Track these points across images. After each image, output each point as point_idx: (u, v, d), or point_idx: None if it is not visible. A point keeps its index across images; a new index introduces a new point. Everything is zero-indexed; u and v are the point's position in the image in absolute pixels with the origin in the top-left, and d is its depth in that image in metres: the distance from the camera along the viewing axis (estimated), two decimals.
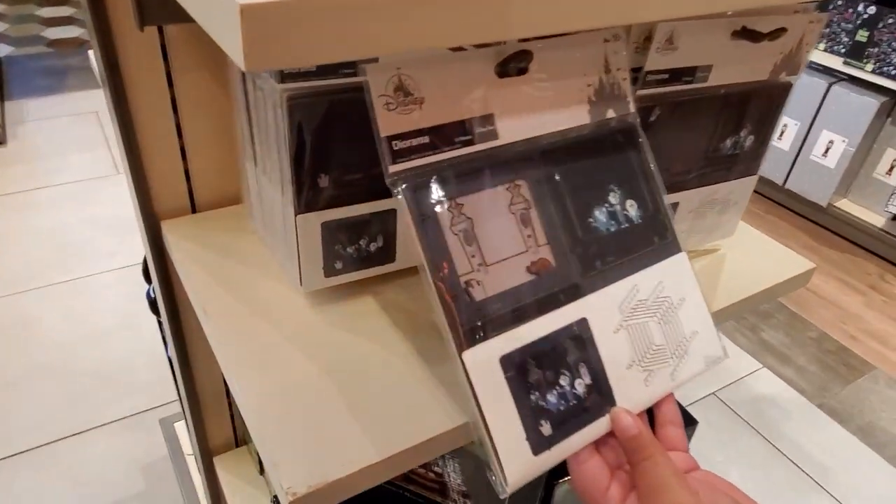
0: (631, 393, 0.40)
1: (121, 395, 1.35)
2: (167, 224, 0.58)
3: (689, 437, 0.77)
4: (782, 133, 2.12)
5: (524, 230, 0.37)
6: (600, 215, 0.40)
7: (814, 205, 2.12)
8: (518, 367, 0.36)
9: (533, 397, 0.36)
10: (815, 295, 1.93)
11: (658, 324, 0.42)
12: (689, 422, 0.77)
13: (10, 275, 1.65)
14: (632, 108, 0.42)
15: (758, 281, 0.58)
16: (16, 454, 1.25)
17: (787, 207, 2.24)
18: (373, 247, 0.49)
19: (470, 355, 0.34)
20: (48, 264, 1.67)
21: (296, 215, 0.45)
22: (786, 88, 0.52)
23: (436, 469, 0.54)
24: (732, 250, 0.61)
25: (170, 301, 0.63)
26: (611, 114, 0.41)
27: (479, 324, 0.35)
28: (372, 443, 0.40)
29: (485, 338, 0.35)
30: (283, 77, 0.40)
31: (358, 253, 0.49)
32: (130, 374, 1.39)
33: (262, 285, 0.52)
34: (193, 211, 0.60)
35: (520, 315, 0.36)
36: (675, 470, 0.37)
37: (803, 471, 1.39)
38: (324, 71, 0.42)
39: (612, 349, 0.39)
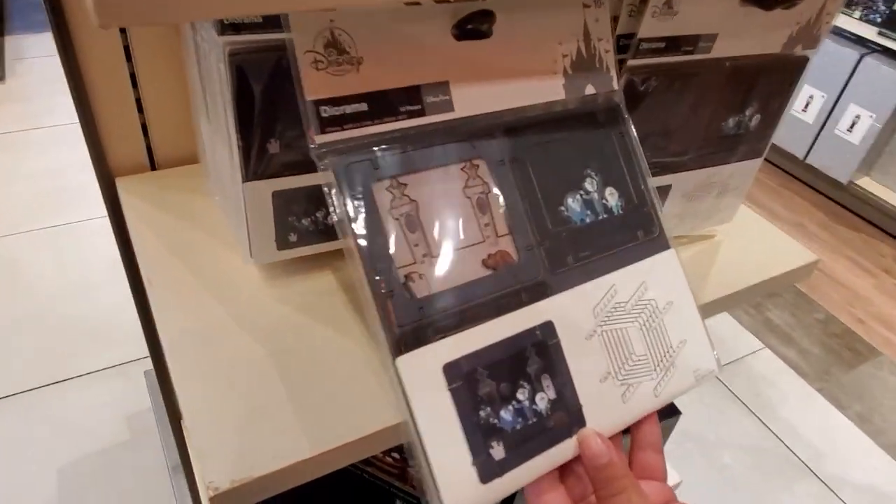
0: (605, 411, 0.35)
1: (106, 345, 1.34)
2: (122, 181, 0.54)
3: (671, 427, 0.74)
4: (807, 105, 2.02)
5: (481, 217, 0.32)
6: (574, 204, 0.35)
7: (833, 181, 2.04)
8: (466, 378, 0.31)
9: (483, 413, 0.31)
10: (824, 275, 1.87)
11: (640, 331, 0.37)
12: (672, 412, 0.73)
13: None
14: (615, 84, 0.37)
15: (754, 272, 0.54)
16: None
17: (806, 183, 2.16)
18: (329, 220, 0.45)
19: (406, 362, 0.30)
20: (39, 208, 1.65)
21: (243, 182, 0.41)
22: (801, 64, 0.47)
23: (394, 454, 0.52)
24: (730, 238, 0.57)
25: (130, 264, 0.60)
26: (590, 90, 0.36)
27: (420, 325, 0.30)
28: (307, 436, 0.37)
29: (426, 341, 0.30)
30: (224, 28, 0.36)
31: (314, 225, 0.45)
32: (117, 324, 1.37)
33: (215, 254, 0.48)
34: (153, 168, 0.57)
35: (471, 316, 0.32)
36: None
37: (795, 454, 1.36)
38: (271, 23, 0.37)
39: (584, 359, 0.35)
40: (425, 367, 0.30)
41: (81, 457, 1.18)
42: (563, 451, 0.34)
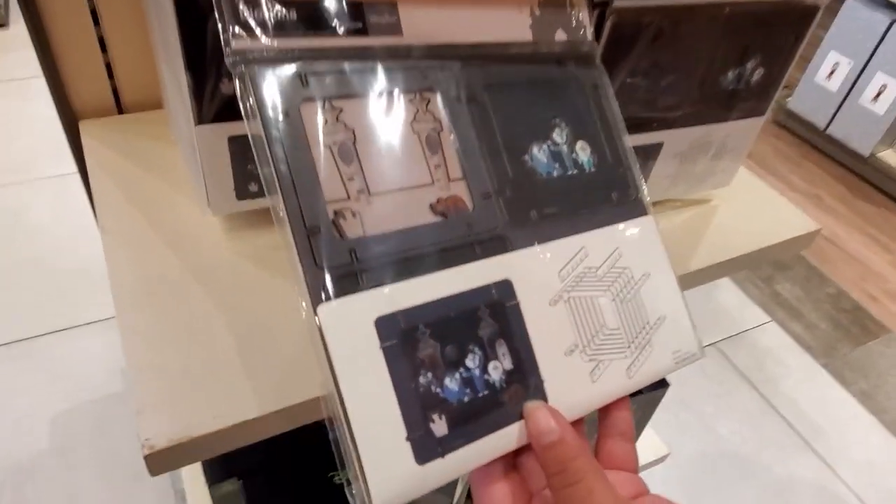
0: (571, 389, 0.31)
1: (105, 296, 1.33)
2: (86, 124, 0.52)
3: (657, 400, 0.71)
4: (832, 72, 1.94)
5: (431, 157, 0.29)
6: (540, 154, 0.32)
7: (855, 154, 1.97)
8: (403, 336, 0.27)
9: (423, 380, 0.27)
10: (839, 249, 1.82)
11: (612, 301, 0.33)
12: (660, 384, 0.70)
13: (1, 164, 1.62)
14: (589, 34, 0.33)
15: (751, 239, 0.50)
16: None
17: (826, 153, 2.09)
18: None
19: (330, 311, 0.26)
20: (42, 156, 1.64)
21: (196, 125, 0.39)
22: (810, 13, 0.43)
23: None
24: (726, 202, 0.53)
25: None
26: (560, 35, 0.32)
27: (350, 270, 0.26)
28: (256, 396, 0.35)
29: (355, 289, 0.26)
30: None
31: None
32: None
33: (175, 204, 0.46)
34: (120, 111, 0.54)
35: (414, 266, 0.28)
36: (614, 501, 0.27)
37: (794, 429, 1.34)
38: None
39: (547, 326, 0.30)
40: (353, 320, 0.26)
41: (75, 406, 1.18)
42: (519, 431, 0.29)
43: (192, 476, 0.72)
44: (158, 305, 0.39)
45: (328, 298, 0.26)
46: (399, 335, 0.27)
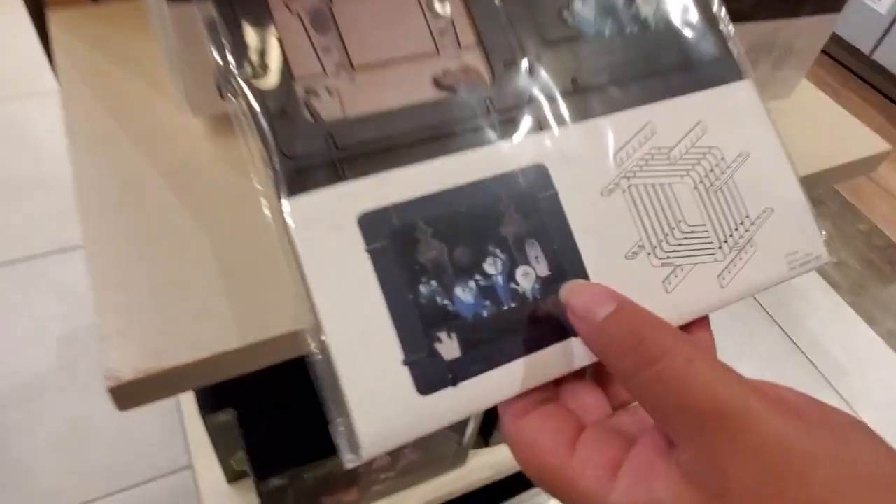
0: (637, 302, 0.23)
1: None
2: (55, 15, 0.46)
3: None
4: None
5: (434, 20, 0.23)
6: (583, 7, 0.25)
7: None
8: (396, 236, 0.21)
9: (425, 290, 0.22)
10: (876, 185, 1.73)
11: (693, 189, 0.26)
12: None
13: (1, 77, 1.56)
14: None
15: (809, 160, 0.44)
16: (0, 264, 1.24)
17: (868, 82, 1.96)
18: None
19: (298, 207, 0.21)
20: (45, 70, 1.57)
21: (168, 2, 0.32)
22: None
23: None
24: (786, 116, 0.46)
25: None
26: None
27: (326, 159, 0.21)
28: (238, 325, 0.30)
29: (332, 181, 0.21)
30: None
31: None
32: None
33: (152, 105, 0.40)
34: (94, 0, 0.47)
35: (410, 152, 0.22)
36: (724, 372, 0.19)
37: (817, 368, 1.30)
38: None
39: (597, 222, 0.24)
40: (330, 216, 0.21)
41: (80, 326, 1.17)
42: (562, 354, 0.23)
43: (190, 403, 0.69)
44: (129, 218, 0.34)
45: (294, 193, 0.21)
46: (391, 235, 0.22)
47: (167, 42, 0.35)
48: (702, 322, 0.26)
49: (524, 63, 0.24)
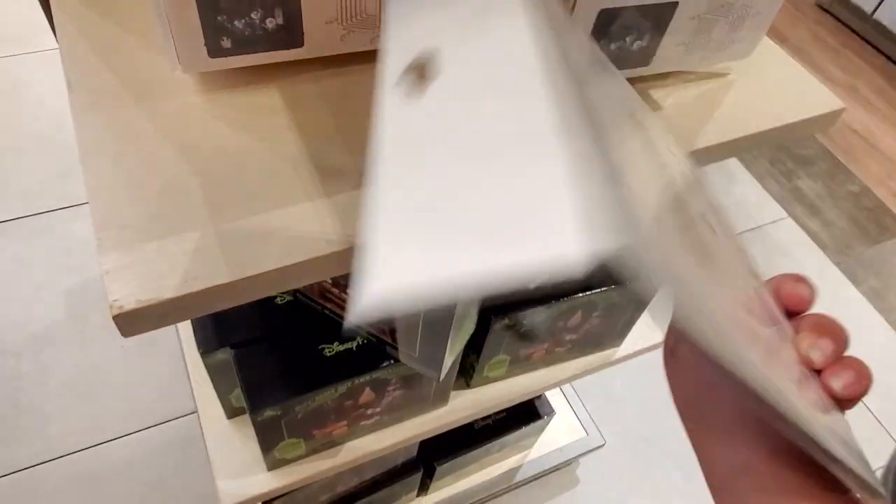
0: None
1: None
2: None
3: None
4: None
5: None
6: None
7: None
8: None
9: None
10: (869, 145, 1.74)
11: None
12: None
13: (1, 35, 1.57)
14: None
15: (768, 116, 0.47)
16: (5, 221, 1.27)
17: (870, 42, 1.95)
18: (270, 23, 0.39)
19: None
20: (44, 28, 1.58)
21: None
22: None
23: (349, 291, 0.50)
24: (745, 76, 0.49)
25: None
26: None
27: None
28: (227, 260, 0.34)
29: None
30: None
31: (251, 29, 0.39)
32: None
33: (149, 61, 0.43)
34: None
35: None
36: None
37: None
38: None
39: None
40: None
41: (88, 278, 1.21)
42: None
43: (191, 348, 0.73)
44: (127, 163, 0.37)
45: None
46: None
47: (155, 4, 0.38)
48: None
49: None
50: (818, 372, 0.28)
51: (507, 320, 0.59)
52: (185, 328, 0.78)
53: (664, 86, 0.47)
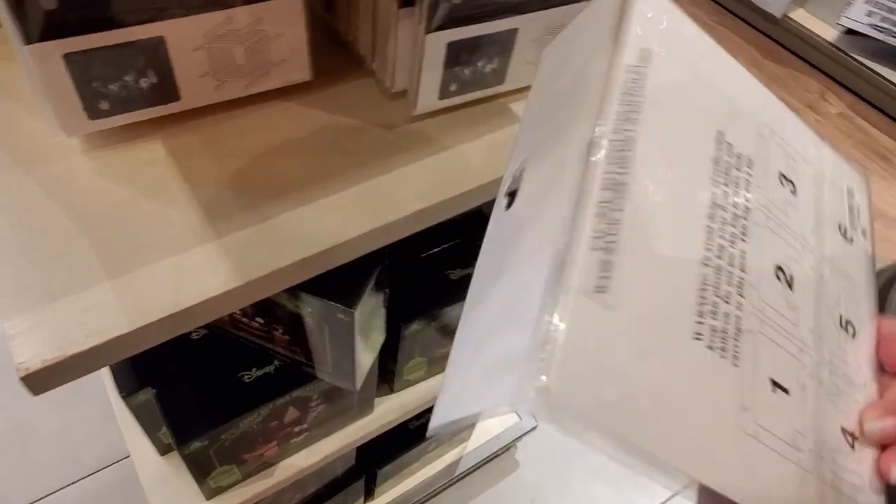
0: None
1: None
2: None
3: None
4: None
5: None
6: None
7: (768, 16, 1.99)
8: None
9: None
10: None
11: None
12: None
13: None
14: None
15: None
16: None
17: (742, 18, 2.11)
18: (144, 83, 0.42)
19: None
20: None
21: (26, 45, 0.37)
22: None
23: (258, 319, 0.53)
24: None
25: None
26: None
27: None
28: (125, 311, 0.37)
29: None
30: None
31: (126, 91, 0.42)
32: None
33: (36, 128, 0.45)
34: None
35: None
36: None
37: None
38: None
39: None
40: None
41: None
42: None
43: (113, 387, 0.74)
44: (17, 229, 0.39)
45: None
46: None
47: (30, 76, 0.40)
48: None
49: None
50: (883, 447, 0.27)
51: (416, 325, 0.63)
52: (106, 372, 0.79)
53: (523, 98, 0.52)
